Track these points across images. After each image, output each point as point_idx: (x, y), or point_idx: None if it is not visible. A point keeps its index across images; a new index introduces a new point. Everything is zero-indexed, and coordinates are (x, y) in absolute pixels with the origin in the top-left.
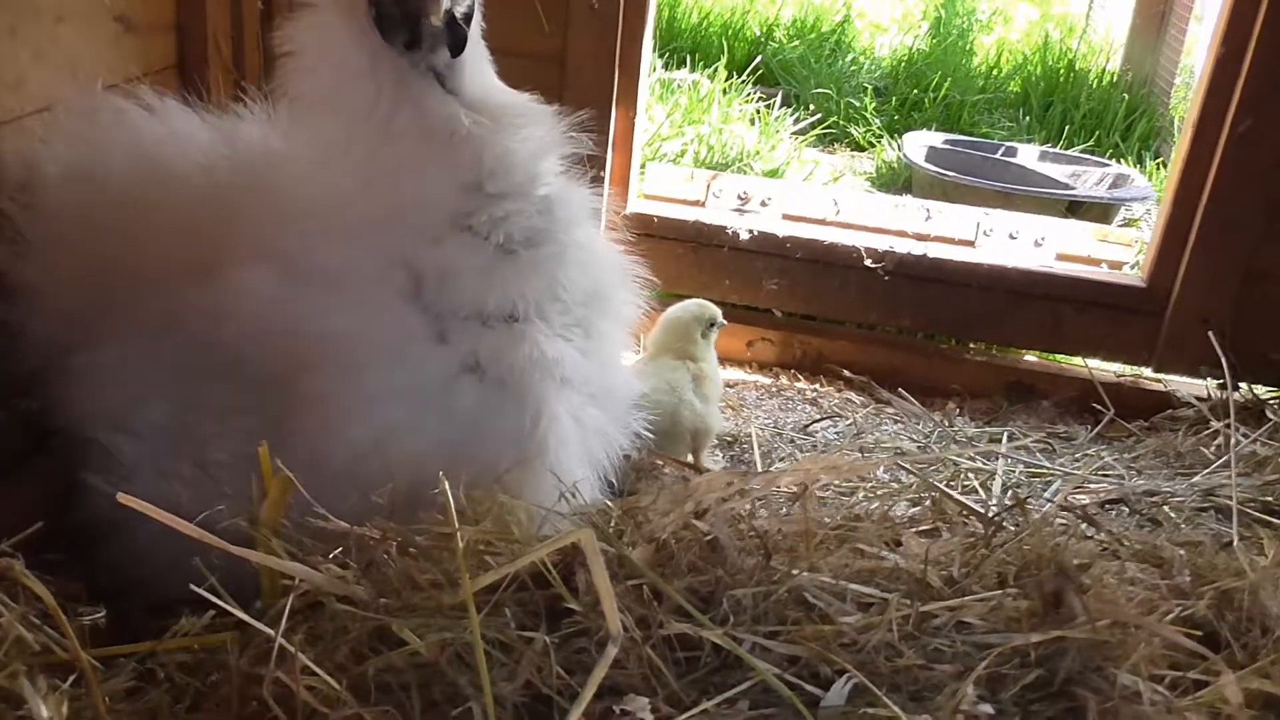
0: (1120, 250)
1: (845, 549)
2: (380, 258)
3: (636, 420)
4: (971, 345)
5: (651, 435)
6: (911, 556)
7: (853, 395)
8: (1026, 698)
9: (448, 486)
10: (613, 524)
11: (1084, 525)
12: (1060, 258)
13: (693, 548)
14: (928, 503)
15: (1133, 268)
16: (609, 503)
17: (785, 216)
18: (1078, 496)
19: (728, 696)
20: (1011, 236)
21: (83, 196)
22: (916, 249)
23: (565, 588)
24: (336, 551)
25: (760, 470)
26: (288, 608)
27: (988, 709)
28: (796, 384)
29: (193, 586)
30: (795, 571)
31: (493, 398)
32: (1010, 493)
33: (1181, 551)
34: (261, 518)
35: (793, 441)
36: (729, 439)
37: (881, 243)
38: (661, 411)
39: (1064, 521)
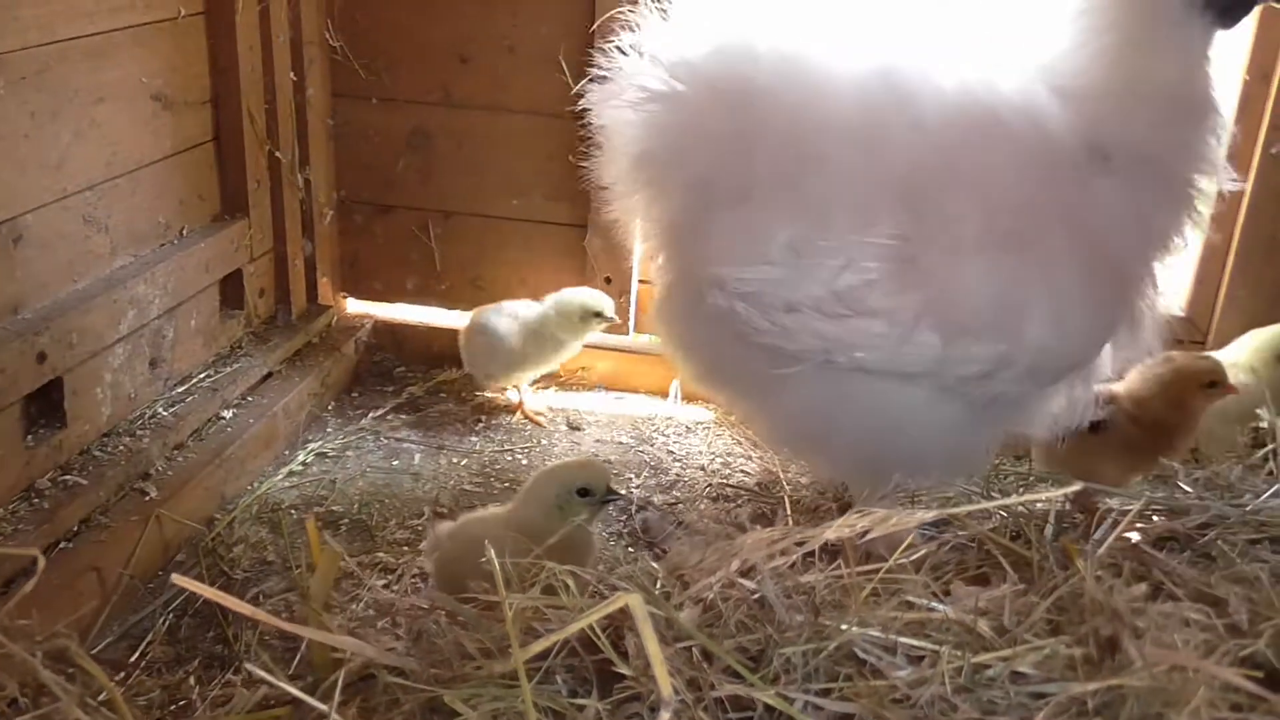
0: None
1: (894, 601)
2: None
3: None
4: None
5: None
6: (960, 607)
7: None
8: None
9: (494, 555)
10: (659, 585)
11: (1135, 565)
12: None
13: (740, 606)
14: (973, 548)
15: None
16: (653, 564)
17: None
18: (1127, 534)
19: None
20: None
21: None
22: None
23: (615, 653)
24: (384, 622)
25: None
26: (340, 681)
27: None
28: None
29: (248, 666)
30: (844, 627)
31: None
32: (1052, 530)
33: (1237, 588)
34: (310, 591)
35: (823, 494)
36: (761, 490)
37: None
38: None
39: (1114, 562)
